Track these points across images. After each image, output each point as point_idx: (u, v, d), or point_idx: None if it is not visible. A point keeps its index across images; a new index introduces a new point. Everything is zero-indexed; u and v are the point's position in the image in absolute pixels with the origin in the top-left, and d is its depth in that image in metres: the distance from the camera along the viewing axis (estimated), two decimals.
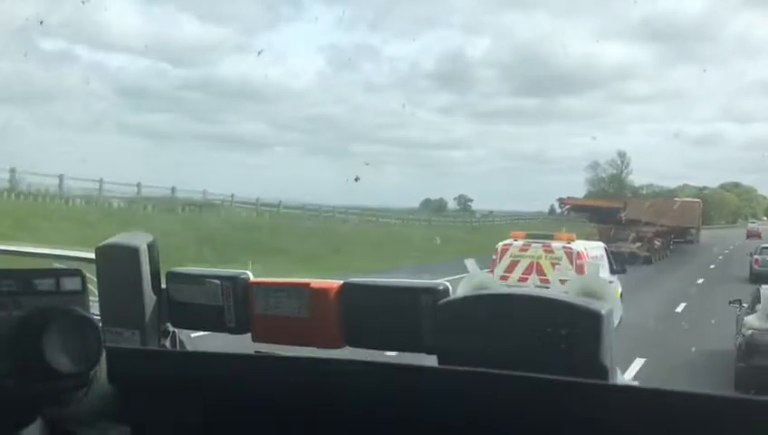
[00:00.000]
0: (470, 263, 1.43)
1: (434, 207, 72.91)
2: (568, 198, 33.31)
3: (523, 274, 12.83)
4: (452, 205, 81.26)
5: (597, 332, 1.08)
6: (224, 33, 78.01)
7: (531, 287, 11.41)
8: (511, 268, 12.93)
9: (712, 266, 31.34)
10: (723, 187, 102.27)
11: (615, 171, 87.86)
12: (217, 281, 1.47)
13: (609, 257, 14.21)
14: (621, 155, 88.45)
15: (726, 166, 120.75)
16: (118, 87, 67.24)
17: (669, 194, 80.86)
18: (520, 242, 13.30)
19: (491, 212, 52.06)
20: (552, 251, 12.97)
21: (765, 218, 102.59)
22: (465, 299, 1.22)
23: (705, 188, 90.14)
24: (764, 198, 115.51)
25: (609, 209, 35.39)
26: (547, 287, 11.53)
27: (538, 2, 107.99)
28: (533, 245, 13.17)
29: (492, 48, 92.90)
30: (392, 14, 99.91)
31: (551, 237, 13.46)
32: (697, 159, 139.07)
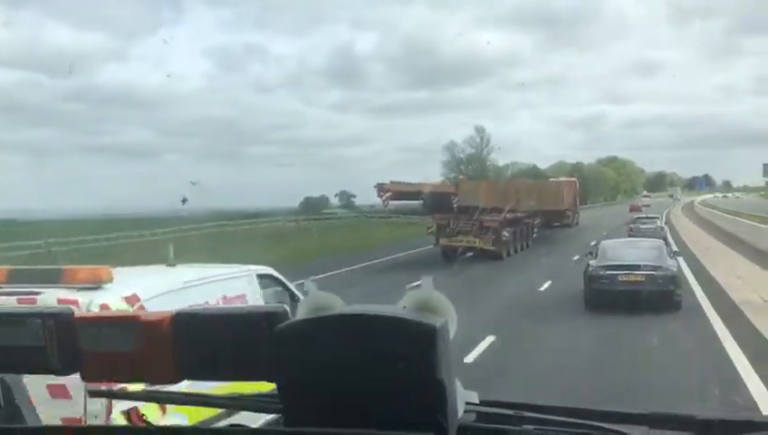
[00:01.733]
0: (309, 283, 1.25)
1: (314, 205, 68.22)
2: (391, 183, 24.96)
3: None
4: (334, 202, 77.39)
5: (432, 347, 1.08)
6: (101, 40, 75.97)
7: None
8: None
9: (576, 258, 24.35)
10: (600, 162, 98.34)
11: (474, 150, 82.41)
12: (38, 319, 1.31)
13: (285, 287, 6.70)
14: (480, 131, 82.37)
15: (607, 145, 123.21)
16: None
17: (532, 172, 75.83)
18: None
19: (372, 207, 51.46)
20: None
21: (646, 193, 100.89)
22: (304, 322, 1.17)
23: (578, 163, 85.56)
24: (642, 170, 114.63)
25: (443, 195, 27.74)
26: None
27: None
28: None
29: (380, 42, 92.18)
30: (278, 11, 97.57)
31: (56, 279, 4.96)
32: (580, 140, 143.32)
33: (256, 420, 1.47)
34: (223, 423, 1.81)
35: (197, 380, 1.26)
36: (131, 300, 4.56)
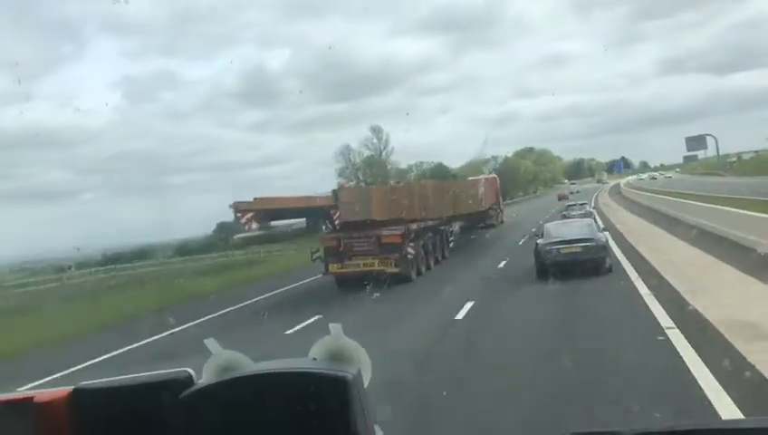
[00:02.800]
0: (210, 342, 1.15)
1: (228, 229, 62.65)
2: (255, 199, 19.37)
3: None
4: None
5: (346, 399, 1.04)
6: (2, 82, 70.71)
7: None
8: None
9: (501, 265, 22.18)
10: (517, 154, 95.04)
11: (372, 153, 74.75)
12: None
13: None
14: (376, 131, 74.52)
15: (523, 141, 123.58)
16: None
17: (439, 171, 71.14)
18: None
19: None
20: None
21: (572, 181, 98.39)
22: (208, 387, 1.10)
23: (495, 157, 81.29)
24: (559, 158, 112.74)
25: (319, 210, 21.03)
26: None
27: (331, 6, 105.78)
28: None
29: (292, 59, 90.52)
30: (183, 37, 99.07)
31: None
32: (497, 137, 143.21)
33: None
34: None
35: None
36: None
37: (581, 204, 38.53)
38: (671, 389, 7.09)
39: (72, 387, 1.20)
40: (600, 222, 24.98)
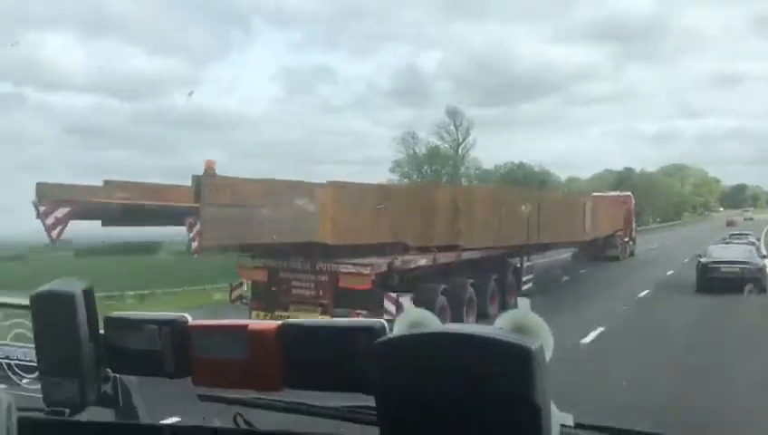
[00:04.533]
0: (406, 300, 1.02)
1: None
2: (107, 184, 10.07)
3: None
4: None
5: (527, 369, 1.07)
6: (173, 65, 77.85)
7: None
8: None
9: (590, 338, 12.93)
10: (663, 170, 79.01)
11: (445, 143, 55.88)
12: (155, 325, 1.42)
13: None
14: (453, 114, 56.00)
15: (677, 160, 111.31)
16: (66, 126, 64.49)
17: (522, 174, 53.52)
18: None
19: None
20: None
21: (744, 209, 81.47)
22: (401, 338, 1.17)
23: (626, 169, 65.40)
24: (717, 180, 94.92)
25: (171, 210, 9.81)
26: None
27: (487, 9, 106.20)
28: None
29: (446, 60, 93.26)
30: (344, 33, 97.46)
31: None
32: (653, 156, 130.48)
33: (353, 430, 1.49)
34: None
35: (300, 389, 1.36)
36: None
37: (745, 234, 32.35)
38: None
39: (281, 322, 1.33)
40: (763, 250, 26.21)
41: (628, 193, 35.23)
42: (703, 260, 19.89)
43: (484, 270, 14.56)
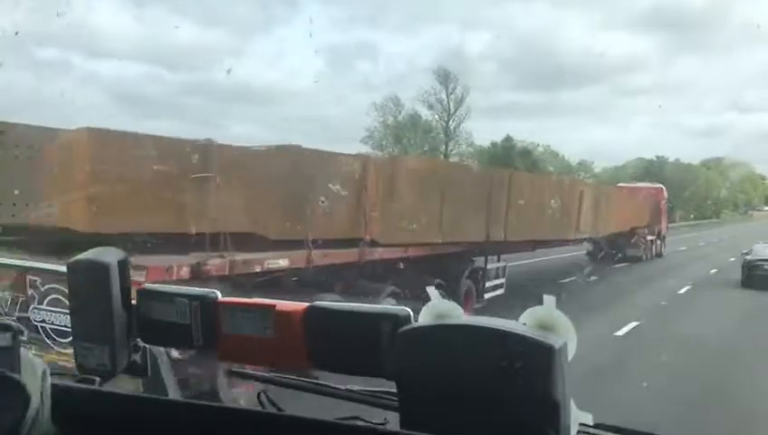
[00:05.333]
0: (432, 290, 1.29)
1: None
2: None
3: None
4: None
5: (550, 365, 1.08)
6: (219, 36, 74.95)
7: None
8: None
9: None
10: (703, 163, 72.84)
11: (435, 114, 47.54)
12: (186, 299, 1.45)
13: None
14: (443, 77, 48.28)
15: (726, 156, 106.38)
16: (114, 94, 64.08)
17: (555, 163, 46.08)
18: None
19: None
20: None
21: (766, 208, 75.30)
22: (425, 327, 1.21)
23: (660, 158, 59.04)
24: (764, 177, 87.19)
25: None
26: None
27: None
28: None
29: (492, 42, 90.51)
30: (388, 11, 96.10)
31: None
32: (699, 150, 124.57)
33: (374, 414, 1.44)
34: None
35: (325, 370, 1.35)
36: None
37: None
38: None
39: (308, 304, 1.33)
40: None
41: (660, 185, 30.64)
42: (748, 258, 21.21)
43: (421, 273, 10.64)
